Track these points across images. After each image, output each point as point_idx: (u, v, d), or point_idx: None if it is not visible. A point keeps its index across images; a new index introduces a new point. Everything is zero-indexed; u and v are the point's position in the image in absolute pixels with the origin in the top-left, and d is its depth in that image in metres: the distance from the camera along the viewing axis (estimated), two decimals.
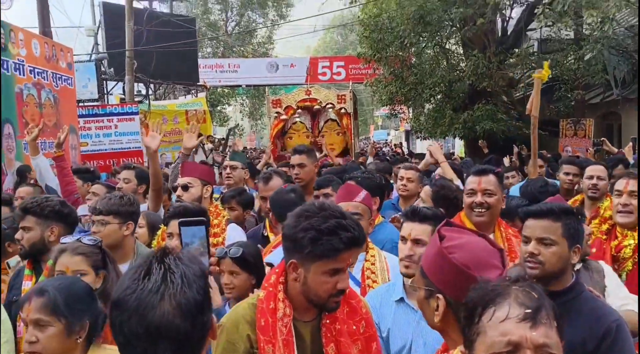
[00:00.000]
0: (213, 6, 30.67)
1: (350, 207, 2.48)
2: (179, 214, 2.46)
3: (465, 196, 2.78)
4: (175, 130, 15.62)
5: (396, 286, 2.24)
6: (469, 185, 2.78)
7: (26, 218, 2.65)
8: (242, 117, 36.01)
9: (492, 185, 2.72)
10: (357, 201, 2.59)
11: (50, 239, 2.59)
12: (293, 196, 3.00)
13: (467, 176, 2.89)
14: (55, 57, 8.91)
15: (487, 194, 2.71)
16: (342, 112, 11.05)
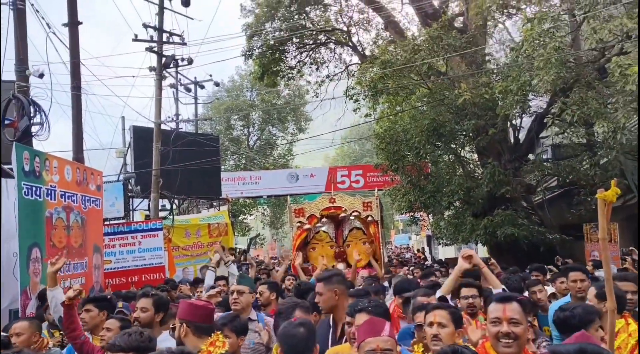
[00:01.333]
0: (235, 122, 32.44)
1: (380, 343, 2.44)
2: None
3: (489, 325, 2.68)
4: (197, 243, 15.78)
5: None
6: (493, 313, 2.68)
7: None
8: (264, 227, 36.42)
9: (518, 313, 2.63)
10: (385, 336, 2.51)
11: None
12: (302, 330, 2.81)
13: (490, 302, 2.82)
14: (86, 181, 9.35)
15: (513, 324, 2.61)
16: (369, 220, 10.71)
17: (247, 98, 32.22)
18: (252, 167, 30.23)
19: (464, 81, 11.05)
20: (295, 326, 2.85)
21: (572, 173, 10.66)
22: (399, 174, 13.49)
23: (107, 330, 3.87)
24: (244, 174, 25.14)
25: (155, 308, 4.03)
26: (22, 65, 7.60)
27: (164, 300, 4.20)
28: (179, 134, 15.52)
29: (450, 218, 12.31)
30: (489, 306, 2.75)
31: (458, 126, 11.56)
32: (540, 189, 12.21)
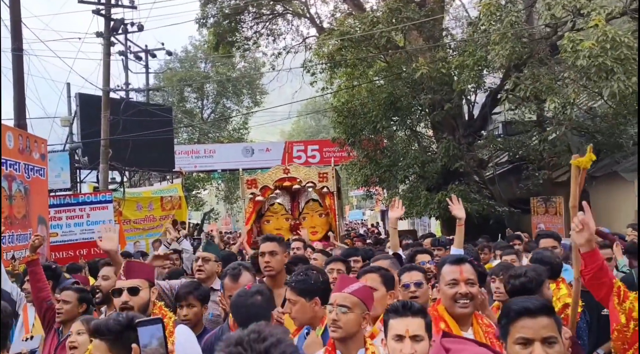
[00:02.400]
0: (189, 95, 31.56)
1: (338, 298, 2.41)
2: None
3: (445, 288, 2.65)
4: (149, 217, 15.39)
5: None
6: (449, 275, 2.65)
7: None
8: (218, 201, 35.94)
9: (472, 274, 2.65)
10: (345, 293, 2.44)
11: None
12: (260, 298, 2.64)
13: (441, 265, 2.80)
14: (29, 149, 8.86)
15: (469, 284, 2.62)
16: (324, 191, 10.36)
17: (201, 70, 31.32)
18: (206, 140, 29.61)
19: (422, 55, 11.10)
20: (251, 294, 2.65)
21: (522, 148, 10.98)
22: (356, 149, 13.53)
23: (64, 303, 3.69)
24: (197, 147, 24.61)
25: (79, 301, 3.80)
26: None
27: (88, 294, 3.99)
28: (129, 103, 14.93)
29: (405, 192, 12.48)
30: (443, 268, 2.73)
31: (415, 100, 11.64)
32: (491, 164, 12.54)
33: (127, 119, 13.68)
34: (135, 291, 2.78)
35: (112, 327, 2.06)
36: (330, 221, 10.48)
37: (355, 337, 2.37)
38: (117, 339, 2.05)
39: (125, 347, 2.01)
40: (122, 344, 2.03)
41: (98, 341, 2.06)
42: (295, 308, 2.83)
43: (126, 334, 2.05)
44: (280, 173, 10.60)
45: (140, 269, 2.96)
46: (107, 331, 2.06)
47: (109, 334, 2.05)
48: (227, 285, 3.19)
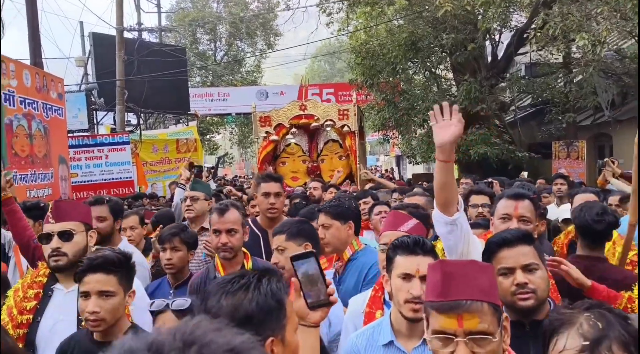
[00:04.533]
0: (202, 36, 30.93)
1: (392, 238, 2.24)
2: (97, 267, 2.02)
3: (497, 221, 2.55)
4: (165, 159, 15.48)
5: (383, 327, 2.03)
6: (504, 209, 2.53)
7: None
8: (232, 146, 35.99)
9: (529, 211, 2.51)
10: (402, 231, 2.33)
11: None
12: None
13: (499, 198, 2.68)
14: (46, 88, 8.80)
15: (523, 221, 2.47)
16: (345, 130, 9.56)
17: (214, 10, 30.50)
18: (220, 84, 29.25)
19: None
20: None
21: (547, 91, 10.67)
22: (373, 91, 13.26)
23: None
24: (212, 91, 24.35)
25: (114, 215, 3.56)
26: None
27: (120, 205, 3.78)
28: (143, 43, 14.64)
29: (423, 136, 12.31)
30: (500, 202, 2.61)
31: (436, 40, 11.25)
32: (513, 107, 12.27)
33: (141, 59, 13.47)
34: (68, 236, 2.40)
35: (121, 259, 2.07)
36: (350, 164, 9.86)
37: None
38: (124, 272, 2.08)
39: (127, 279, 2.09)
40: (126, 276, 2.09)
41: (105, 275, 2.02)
42: (330, 231, 2.81)
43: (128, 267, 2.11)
44: (297, 110, 9.79)
45: (73, 209, 2.54)
46: (119, 264, 2.05)
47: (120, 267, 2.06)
48: (213, 220, 2.93)
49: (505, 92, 11.83)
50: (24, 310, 2.33)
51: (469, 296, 1.37)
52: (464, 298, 1.37)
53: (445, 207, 2.17)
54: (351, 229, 2.82)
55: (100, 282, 2.00)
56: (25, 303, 2.34)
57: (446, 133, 2.14)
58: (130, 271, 2.13)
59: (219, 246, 2.79)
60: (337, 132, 9.92)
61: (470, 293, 1.38)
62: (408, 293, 1.91)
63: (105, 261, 2.02)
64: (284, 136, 10.07)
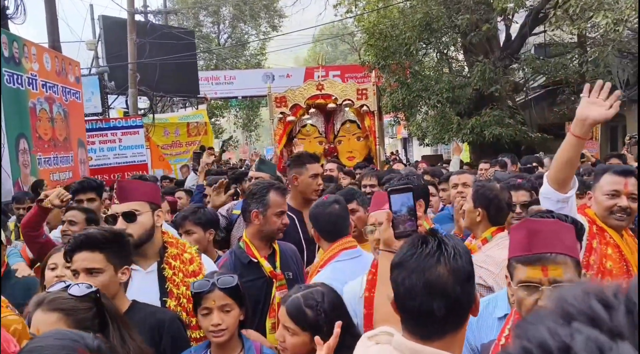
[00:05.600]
0: (205, 19, 30.69)
1: (378, 216, 2.19)
2: (82, 245, 1.96)
3: (603, 197, 2.50)
4: (176, 142, 15.55)
5: (499, 300, 2.03)
6: (612, 186, 2.47)
7: None
8: (235, 130, 35.93)
9: (636, 189, 2.48)
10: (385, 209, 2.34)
11: None
12: (337, 207, 2.60)
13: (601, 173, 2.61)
14: (65, 72, 8.83)
15: (632, 199, 2.44)
16: (364, 110, 9.28)
17: None
18: (224, 66, 29.12)
19: None
20: (329, 204, 2.61)
21: (561, 70, 10.67)
22: (385, 73, 13.22)
23: (70, 223, 3.26)
24: (218, 74, 24.31)
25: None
26: None
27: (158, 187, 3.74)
28: (154, 26, 14.58)
29: (436, 117, 12.32)
30: (604, 177, 2.54)
31: (449, 21, 11.20)
32: (526, 87, 12.27)
33: (152, 42, 13.42)
34: (132, 217, 2.31)
35: (107, 236, 1.98)
36: (369, 145, 9.59)
37: None
38: (113, 249, 1.99)
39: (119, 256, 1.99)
40: (117, 253, 1.99)
41: (90, 253, 1.94)
42: None
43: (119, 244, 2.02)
44: (313, 89, 9.48)
45: (137, 188, 2.45)
46: (104, 240, 1.96)
47: (106, 244, 1.97)
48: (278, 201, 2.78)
49: (519, 72, 11.81)
50: None
51: (553, 249, 1.51)
52: (549, 250, 1.51)
53: (562, 185, 2.16)
54: (422, 207, 2.83)
55: (87, 260, 1.93)
56: None
57: (593, 110, 2.05)
58: (122, 248, 2.03)
59: (281, 227, 2.72)
60: (356, 112, 9.63)
61: (554, 246, 1.52)
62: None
63: (87, 238, 1.95)
64: (300, 116, 9.78)
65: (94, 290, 1.60)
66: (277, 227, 2.71)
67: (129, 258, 2.08)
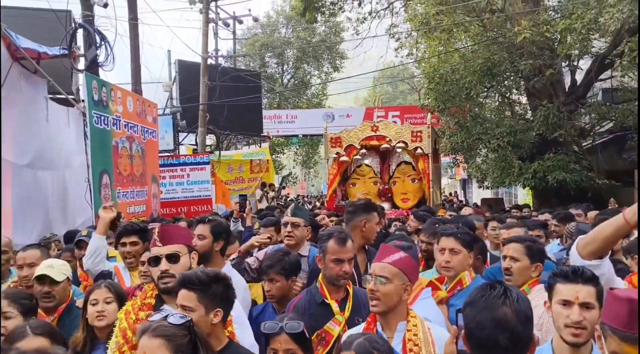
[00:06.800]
0: (270, 60, 32.11)
1: (377, 269, 2.31)
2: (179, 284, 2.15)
3: None
4: (239, 178, 16.20)
5: (543, 352, 2.10)
6: None
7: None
8: (295, 166, 36.80)
9: None
10: (385, 263, 2.31)
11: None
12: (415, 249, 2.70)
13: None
14: (144, 113, 9.59)
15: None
16: (418, 153, 9.35)
17: (282, 35, 31.65)
18: (286, 106, 30.18)
19: (522, 18, 10.66)
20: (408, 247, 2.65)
21: (630, 117, 10.40)
22: (444, 116, 13.35)
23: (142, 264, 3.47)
24: (280, 113, 25.22)
25: (215, 236, 3.41)
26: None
27: (224, 227, 3.56)
28: (224, 69, 15.52)
29: (496, 161, 12.23)
30: None
31: (512, 66, 11.26)
32: (592, 133, 11.99)
33: (222, 84, 14.27)
34: (175, 258, 2.45)
35: (202, 278, 2.14)
36: (423, 187, 9.69)
37: (396, 309, 2.28)
38: (205, 290, 2.13)
39: (212, 298, 2.14)
40: (210, 296, 2.14)
41: (186, 291, 2.13)
42: (458, 257, 2.88)
43: (213, 287, 2.16)
44: (368, 131, 9.69)
45: (177, 233, 2.61)
46: (198, 282, 2.13)
47: (199, 285, 2.13)
48: (333, 248, 2.84)
49: (585, 118, 11.60)
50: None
51: None
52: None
53: (590, 256, 2.19)
54: (472, 258, 2.95)
55: (181, 297, 2.13)
56: (138, 324, 2.37)
57: None
58: (216, 291, 2.16)
59: (340, 274, 2.80)
60: (410, 154, 9.78)
61: None
62: (567, 319, 2.04)
63: (183, 278, 2.15)
64: (353, 156, 10.05)
65: (188, 319, 1.82)
66: (335, 273, 2.80)
67: (223, 302, 2.20)
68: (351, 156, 9.98)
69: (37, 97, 6.62)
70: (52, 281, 3.12)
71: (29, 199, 6.64)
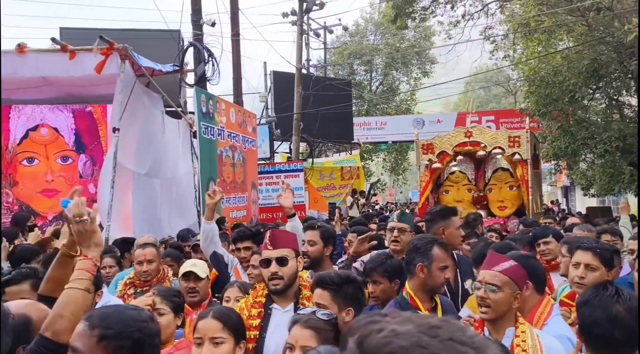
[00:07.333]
0: (358, 67, 32.35)
1: (487, 276, 2.31)
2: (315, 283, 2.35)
3: None
4: (330, 185, 16.53)
5: None
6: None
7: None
8: (383, 172, 36.65)
9: None
10: (495, 271, 2.32)
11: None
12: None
13: None
14: (245, 123, 10.14)
15: None
16: (516, 159, 9.00)
17: (371, 42, 31.79)
18: (374, 112, 30.23)
19: (634, 16, 9.94)
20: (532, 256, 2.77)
21: None
22: (545, 120, 12.73)
23: (253, 267, 3.61)
24: (369, 120, 25.32)
25: (324, 241, 3.59)
26: (197, 16, 8.23)
27: (332, 232, 3.74)
28: (317, 78, 15.95)
29: (604, 167, 11.46)
30: None
31: (622, 66, 10.54)
32: None
33: (316, 93, 14.67)
34: (284, 261, 2.63)
35: (334, 279, 2.33)
36: (522, 195, 9.21)
37: (506, 316, 2.28)
38: (338, 290, 2.29)
39: (344, 298, 2.29)
40: (342, 295, 2.29)
41: (321, 290, 2.32)
42: (594, 275, 2.79)
43: (345, 287, 2.32)
44: (461, 137, 9.36)
45: (286, 238, 2.79)
46: (331, 282, 2.32)
47: (332, 285, 2.30)
48: (441, 255, 2.83)
49: None
50: (251, 327, 2.57)
51: None
52: None
53: None
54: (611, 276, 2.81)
55: (316, 296, 2.34)
56: (251, 320, 2.59)
57: None
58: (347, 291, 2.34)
59: (443, 281, 2.80)
60: (507, 160, 9.44)
61: None
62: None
63: (318, 278, 2.37)
64: (447, 163, 9.81)
65: (334, 316, 2.01)
66: (441, 281, 2.79)
67: (354, 302, 2.35)
68: (444, 162, 9.78)
69: (155, 112, 7.26)
70: (196, 278, 3.42)
71: (145, 204, 7.29)
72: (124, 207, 6.76)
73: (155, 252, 3.99)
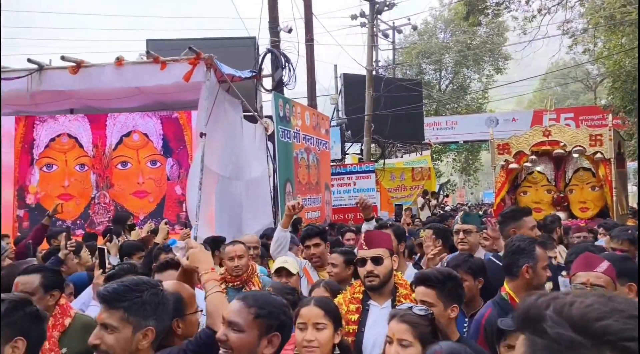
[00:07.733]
0: (427, 67, 31.90)
1: (591, 278, 2.35)
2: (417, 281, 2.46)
3: None
4: (401, 186, 16.44)
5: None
6: None
7: None
8: (453, 173, 35.86)
9: None
10: (599, 272, 2.38)
11: None
12: None
13: None
14: (319, 126, 10.36)
15: None
16: (598, 158, 8.71)
17: (440, 40, 31.23)
18: (444, 112, 29.67)
19: None
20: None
21: None
22: (631, 117, 12.04)
23: (333, 266, 3.75)
24: (439, 119, 24.95)
25: (398, 238, 3.80)
26: (274, 23, 8.55)
27: (403, 230, 3.97)
28: (388, 80, 15.96)
29: None
30: None
31: None
32: None
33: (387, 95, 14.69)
34: (379, 261, 2.74)
35: (438, 276, 2.41)
36: (605, 196, 8.90)
37: None
38: (442, 288, 2.38)
39: (448, 295, 2.37)
40: (446, 292, 2.38)
41: (425, 288, 2.41)
42: None
43: (449, 284, 2.40)
44: (539, 136, 9.13)
45: (381, 238, 2.90)
46: (435, 280, 2.40)
47: (437, 283, 2.39)
48: (542, 255, 2.88)
49: None
50: (350, 321, 2.69)
51: None
52: None
53: None
54: None
55: (421, 293, 2.44)
56: (349, 315, 2.70)
57: None
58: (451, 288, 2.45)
59: (546, 279, 2.85)
60: (589, 159, 9.15)
61: None
62: None
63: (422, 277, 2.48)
64: (523, 163, 9.54)
65: (430, 312, 2.09)
66: (544, 280, 2.84)
67: (457, 299, 2.45)
68: (521, 162, 9.55)
69: (235, 116, 7.60)
70: (288, 273, 3.64)
71: (226, 205, 7.64)
72: (209, 208, 7.14)
73: (244, 249, 4.14)
